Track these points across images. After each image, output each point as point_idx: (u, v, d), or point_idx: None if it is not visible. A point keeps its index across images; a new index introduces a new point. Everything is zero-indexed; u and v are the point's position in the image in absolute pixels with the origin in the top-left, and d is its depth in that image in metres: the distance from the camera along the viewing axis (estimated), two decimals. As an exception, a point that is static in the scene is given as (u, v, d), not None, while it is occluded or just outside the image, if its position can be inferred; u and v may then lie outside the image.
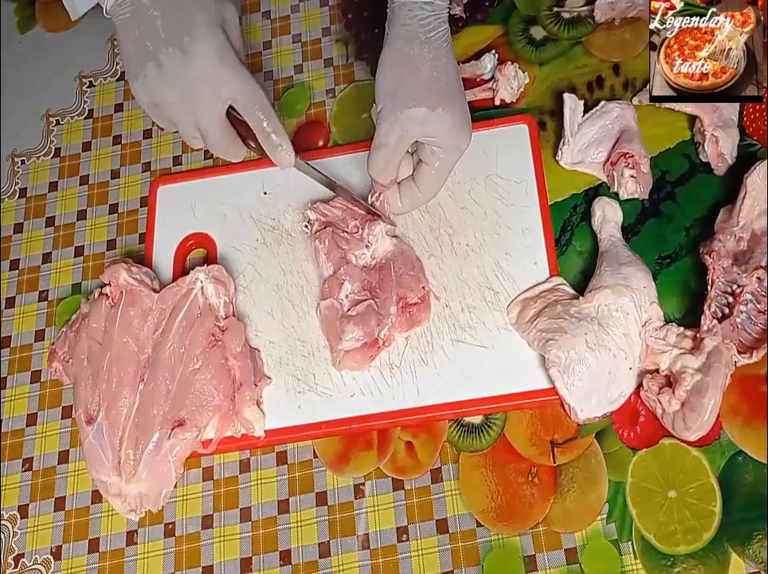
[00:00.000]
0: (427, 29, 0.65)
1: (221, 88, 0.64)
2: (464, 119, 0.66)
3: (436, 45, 0.65)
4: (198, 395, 0.67)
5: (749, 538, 0.60)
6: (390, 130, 0.65)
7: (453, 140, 0.66)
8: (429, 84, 0.65)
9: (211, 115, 0.65)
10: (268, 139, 0.67)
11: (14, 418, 0.74)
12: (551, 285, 0.68)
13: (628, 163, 0.70)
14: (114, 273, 0.71)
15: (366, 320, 0.68)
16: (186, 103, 0.65)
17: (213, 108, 0.65)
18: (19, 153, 0.88)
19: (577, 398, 0.63)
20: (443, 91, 0.65)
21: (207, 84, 0.64)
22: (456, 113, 0.65)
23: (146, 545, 0.67)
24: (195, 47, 0.64)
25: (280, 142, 0.67)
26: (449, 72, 0.66)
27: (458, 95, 0.66)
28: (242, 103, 0.65)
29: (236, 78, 0.64)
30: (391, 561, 0.64)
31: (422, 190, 0.69)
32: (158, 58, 0.64)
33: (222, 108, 0.65)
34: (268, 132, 0.66)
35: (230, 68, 0.64)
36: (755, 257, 0.64)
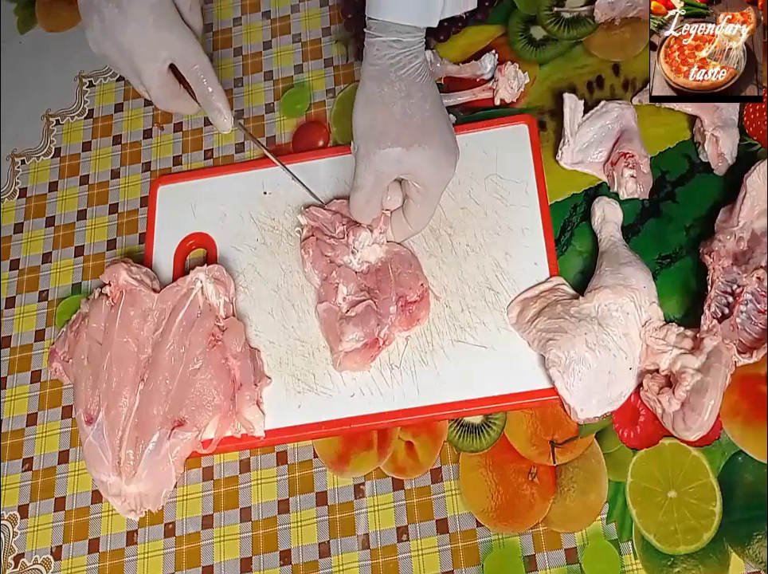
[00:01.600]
0: (397, 68, 0.64)
1: (158, 49, 0.65)
2: (444, 150, 0.65)
3: (407, 82, 0.64)
4: (198, 395, 0.67)
5: (749, 538, 0.60)
6: (366, 171, 0.65)
7: (433, 175, 0.66)
8: (402, 123, 0.64)
9: (150, 73, 0.66)
10: (206, 101, 0.67)
11: (14, 418, 0.74)
12: (551, 285, 0.68)
13: (628, 163, 0.70)
14: (114, 273, 0.71)
15: (366, 320, 0.68)
16: (126, 59, 0.66)
17: (151, 67, 0.65)
18: (19, 153, 0.88)
19: (578, 398, 0.63)
20: (417, 128, 0.64)
21: (143, 44, 0.65)
22: (434, 147, 0.65)
23: (146, 545, 0.67)
24: (132, 4, 0.64)
25: (218, 105, 0.67)
26: (423, 107, 0.65)
27: (435, 129, 0.65)
28: (180, 64, 0.66)
29: (172, 39, 0.65)
30: (391, 561, 0.64)
31: (412, 224, 0.69)
32: (101, 11, 0.65)
33: (161, 66, 0.66)
34: (207, 94, 0.67)
35: (167, 28, 0.65)
36: (755, 257, 0.64)
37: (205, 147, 0.84)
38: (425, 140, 0.64)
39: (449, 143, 0.66)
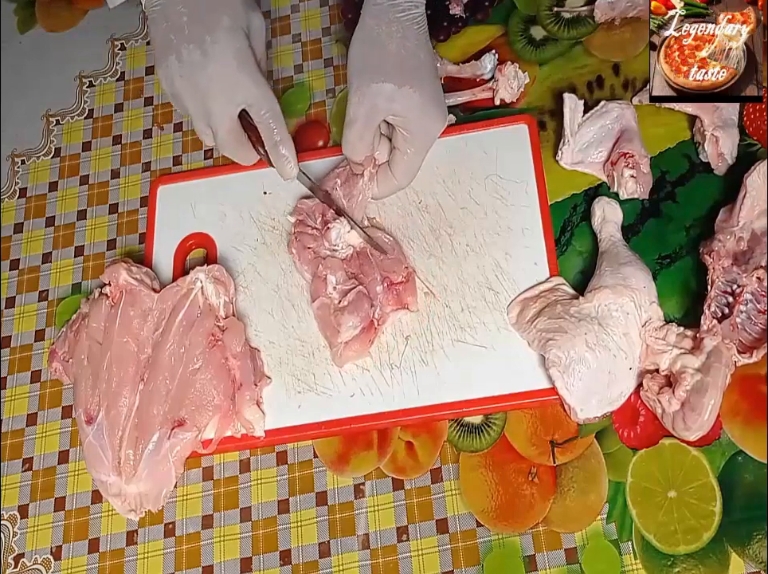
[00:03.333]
0: (397, 10, 0.66)
1: (235, 92, 0.66)
2: (435, 100, 0.66)
3: (405, 25, 0.66)
4: (198, 395, 0.67)
5: (749, 538, 0.60)
6: (359, 104, 0.66)
7: (422, 121, 0.67)
8: (396, 62, 0.66)
9: (222, 115, 0.67)
10: (274, 149, 0.69)
11: (14, 418, 0.74)
12: (551, 285, 0.68)
13: (628, 162, 0.70)
14: (114, 273, 0.71)
15: (359, 306, 0.68)
16: (200, 100, 0.67)
17: (224, 109, 0.67)
18: (19, 153, 0.88)
19: (578, 398, 0.63)
20: (410, 69, 0.66)
21: (222, 86, 0.66)
22: (424, 93, 0.66)
23: (146, 545, 0.67)
24: (215, 48, 0.66)
25: (285, 153, 0.69)
26: (418, 52, 0.66)
27: (428, 76, 0.67)
28: (254, 109, 0.67)
29: (251, 84, 0.67)
30: (391, 561, 0.64)
31: (397, 177, 0.70)
32: (180, 52, 0.66)
33: (234, 110, 0.67)
34: (275, 141, 0.68)
35: (247, 73, 0.67)
36: (755, 257, 0.64)
37: (205, 147, 0.84)
38: (417, 85, 0.66)
39: (439, 97, 0.67)
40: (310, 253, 0.71)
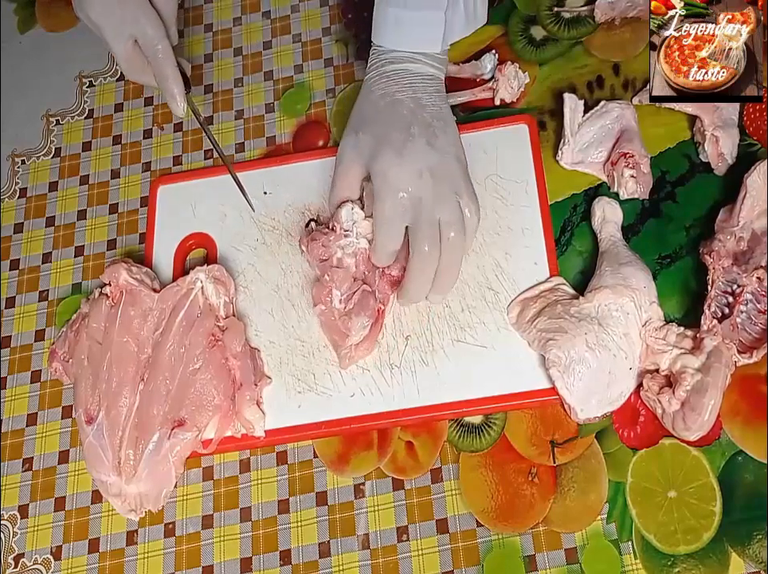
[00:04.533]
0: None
1: (121, 26, 0.69)
2: None
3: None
4: (198, 395, 0.67)
5: (749, 538, 0.60)
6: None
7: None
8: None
9: (115, 46, 0.70)
10: (162, 85, 0.71)
11: (14, 418, 0.74)
12: (551, 285, 0.68)
13: (628, 162, 0.70)
14: (114, 273, 0.71)
15: (365, 304, 0.67)
16: (97, 30, 0.70)
17: (116, 41, 0.69)
18: (19, 153, 0.88)
19: (578, 398, 0.63)
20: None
21: (109, 19, 0.69)
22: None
23: (146, 545, 0.67)
24: None
25: (173, 91, 0.70)
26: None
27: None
28: (142, 42, 0.69)
29: (136, 18, 0.68)
30: (391, 561, 0.64)
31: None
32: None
33: (125, 42, 0.69)
34: (162, 77, 0.70)
35: (131, 6, 0.68)
36: (755, 257, 0.64)
37: (205, 147, 0.84)
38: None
39: None
40: (318, 246, 0.70)
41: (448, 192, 0.65)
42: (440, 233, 0.64)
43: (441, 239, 0.64)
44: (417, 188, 0.64)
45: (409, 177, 0.64)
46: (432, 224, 0.64)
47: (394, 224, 0.65)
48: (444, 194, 0.64)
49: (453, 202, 0.64)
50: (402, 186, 0.64)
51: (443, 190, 0.64)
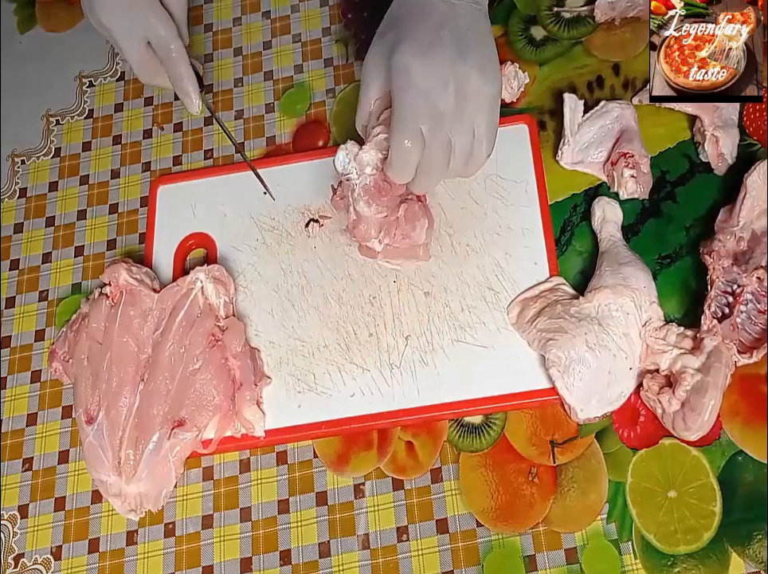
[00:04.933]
0: None
1: (133, 28, 0.69)
2: None
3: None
4: (198, 395, 0.67)
5: (749, 538, 0.60)
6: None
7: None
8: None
9: (128, 50, 0.70)
10: (176, 84, 0.71)
11: (14, 418, 0.74)
12: (551, 285, 0.68)
13: (628, 162, 0.70)
14: (114, 273, 0.71)
15: (411, 215, 0.66)
16: (108, 34, 0.70)
17: (128, 44, 0.69)
18: (19, 153, 0.88)
19: (578, 398, 0.63)
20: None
21: (121, 22, 0.68)
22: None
23: (146, 545, 0.67)
24: None
25: (187, 89, 0.70)
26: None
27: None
28: (155, 43, 0.69)
29: (148, 19, 0.68)
30: (391, 561, 0.64)
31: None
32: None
33: (138, 44, 0.69)
34: (176, 76, 0.70)
35: (143, 8, 0.68)
36: (755, 257, 0.64)
37: (205, 147, 0.84)
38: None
39: None
40: (340, 203, 0.68)
41: (468, 117, 0.59)
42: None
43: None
44: (440, 99, 0.58)
45: (434, 81, 0.58)
46: (445, 147, 0.60)
47: (411, 123, 0.58)
48: (465, 117, 0.59)
49: (470, 131, 0.60)
50: (425, 87, 0.58)
51: (465, 112, 0.59)
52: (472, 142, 0.61)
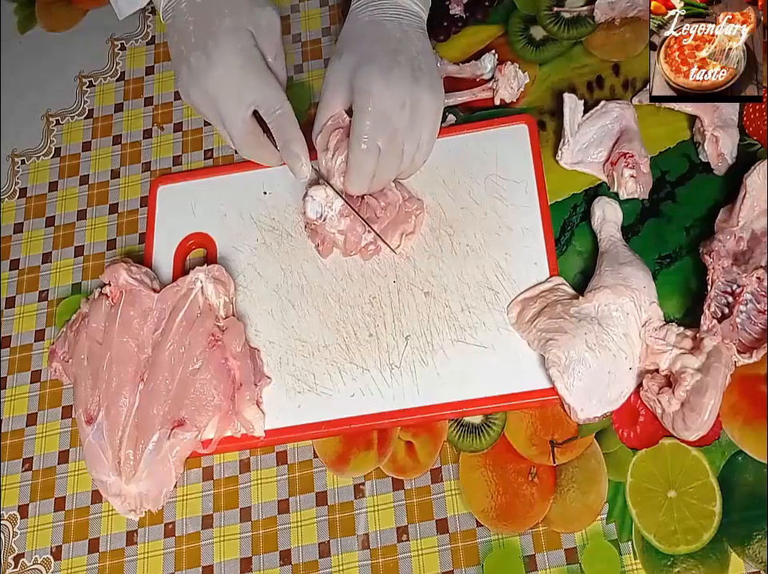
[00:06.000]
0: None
1: (242, 94, 0.67)
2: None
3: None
4: (198, 395, 0.67)
5: (749, 538, 0.60)
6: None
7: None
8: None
9: (234, 118, 0.68)
10: (285, 148, 0.69)
11: (14, 418, 0.74)
12: (551, 285, 0.68)
13: (628, 162, 0.70)
14: (114, 273, 0.71)
15: (398, 219, 0.72)
16: (212, 105, 0.68)
17: (235, 112, 0.67)
18: (19, 153, 0.88)
19: (577, 398, 0.63)
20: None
21: (228, 89, 0.67)
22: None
23: (146, 545, 0.67)
24: (218, 51, 0.67)
25: (296, 151, 0.68)
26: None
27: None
28: (263, 109, 0.68)
29: (258, 84, 0.67)
30: (391, 561, 0.64)
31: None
32: (189, 61, 0.67)
33: (245, 112, 0.68)
34: (285, 140, 0.68)
35: (253, 73, 0.67)
36: (755, 257, 0.64)
37: (205, 147, 0.84)
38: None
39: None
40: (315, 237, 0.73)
41: (417, 129, 0.67)
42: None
43: None
44: (397, 118, 0.65)
45: (392, 103, 0.65)
46: (398, 157, 0.67)
47: (371, 141, 0.65)
48: (414, 131, 0.67)
49: (417, 141, 0.67)
50: (385, 109, 0.65)
51: (415, 127, 0.67)
52: (414, 153, 0.69)
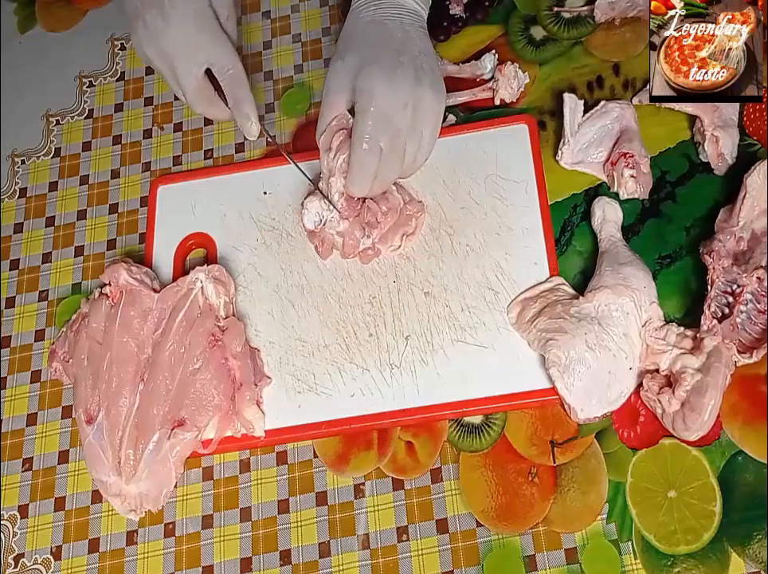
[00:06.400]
0: None
1: (196, 53, 0.69)
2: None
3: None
4: (198, 395, 0.67)
5: (749, 538, 0.60)
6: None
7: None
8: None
9: (187, 76, 0.69)
10: (236, 106, 0.71)
11: (14, 418, 0.74)
12: (551, 285, 0.68)
13: (628, 162, 0.70)
14: (114, 273, 0.71)
15: (398, 223, 0.72)
16: (166, 62, 0.69)
17: (188, 70, 0.69)
18: (19, 153, 0.88)
19: (577, 398, 0.63)
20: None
21: (183, 48, 0.69)
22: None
23: (146, 545, 0.67)
24: (173, 11, 0.68)
25: (247, 111, 0.70)
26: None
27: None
28: (215, 68, 0.69)
29: (211, 44, 0.69)
30: (391, 561, 0.64)
31: None
32: (144, 19, 0.69)
33: (197, 70, 0.69)
34: (236, 99, 0.70)
35: (207, 33, 0.69)
36: (755, 257, 0.64)
37: (205, 147, 0.84)
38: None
39: None
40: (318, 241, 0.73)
41: (419, 128, 0.67)
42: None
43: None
44: (399, 118, 0.65)
45: (395, 104, 0.65)
46: (400, 157, 0.67)
47: (372, 142, 0.65)
48: (416, 131, 0.67)
49: (418, 141, 0.67)
50: (388, 110, 0.65)
51: (417, 126, 0.67)
52: (416, 152, 0.68)
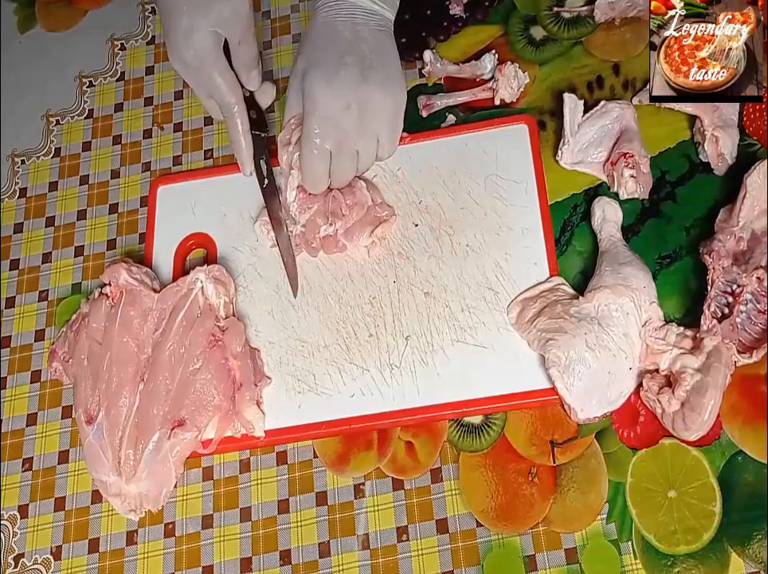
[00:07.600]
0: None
1: (200, 89, 0.72)
2: None
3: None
4: (198, 395, 0.67)
5: (749, 538, 0.60)
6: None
7: None
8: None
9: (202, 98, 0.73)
10: (233, 147, 0.74)
11: (14, 418, 0.74)
12: (551, 285, 0.68)
13: (628, 162, 0.70)
14: (114, 273, 0.71)
15: (365, 220, 0.73)
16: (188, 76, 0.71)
17: (201, 95, 0.73)
18: (19, 153, 0.88)
19: (577, 398, 0.63)
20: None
21: (191, 80, 0.71)
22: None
23: (146, 545, 0.67)
24: (176, 50, 0.69)
25: (243, 158, 0.74)
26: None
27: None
28: (219, 104, 0.72)
29: (215, 78, 0.70)
30: (391, 561, 0.64)
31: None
32: (168, 36, 0.70)
33: (206, 100, 0.74)
34: (232, 140, 0.74)
35: (212, 67, 0.69)
36: (755, 257, 0.64)
37: (205, 147, 0.84)
38: None
39: None
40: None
41: (371, 128, 0.68)
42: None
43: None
44: (343, 119, 0.66)
45: (336, 106, 0.66)
46: (351, 157, 0.68)
47: (318, 144, 0.67)
48: (367, 129, 0.68)
49: (374, 139, 0.68)
50: (329, 112, 0.66)
51: (367, 125, 0.67)
52: (377, 147, 0.70)
